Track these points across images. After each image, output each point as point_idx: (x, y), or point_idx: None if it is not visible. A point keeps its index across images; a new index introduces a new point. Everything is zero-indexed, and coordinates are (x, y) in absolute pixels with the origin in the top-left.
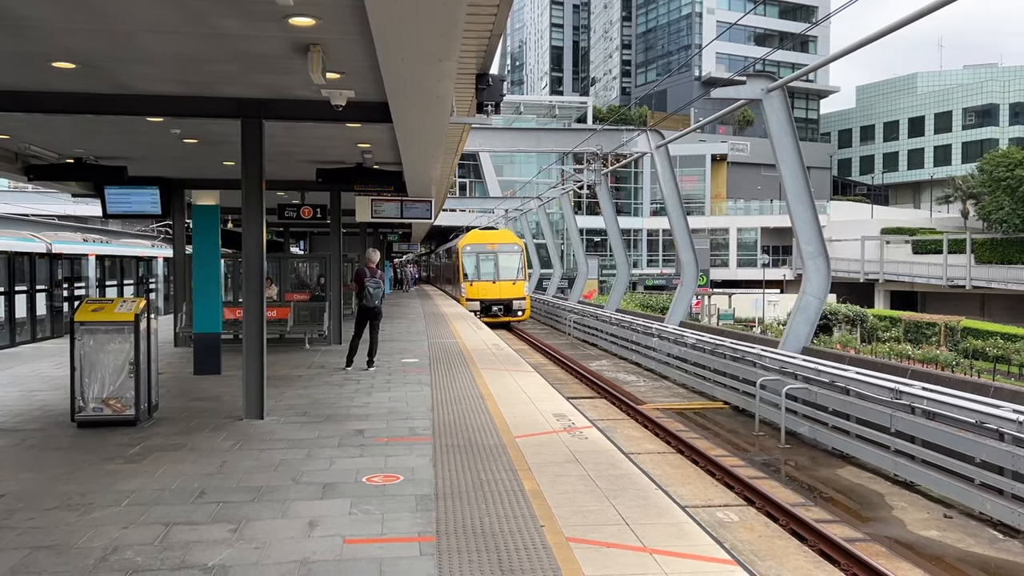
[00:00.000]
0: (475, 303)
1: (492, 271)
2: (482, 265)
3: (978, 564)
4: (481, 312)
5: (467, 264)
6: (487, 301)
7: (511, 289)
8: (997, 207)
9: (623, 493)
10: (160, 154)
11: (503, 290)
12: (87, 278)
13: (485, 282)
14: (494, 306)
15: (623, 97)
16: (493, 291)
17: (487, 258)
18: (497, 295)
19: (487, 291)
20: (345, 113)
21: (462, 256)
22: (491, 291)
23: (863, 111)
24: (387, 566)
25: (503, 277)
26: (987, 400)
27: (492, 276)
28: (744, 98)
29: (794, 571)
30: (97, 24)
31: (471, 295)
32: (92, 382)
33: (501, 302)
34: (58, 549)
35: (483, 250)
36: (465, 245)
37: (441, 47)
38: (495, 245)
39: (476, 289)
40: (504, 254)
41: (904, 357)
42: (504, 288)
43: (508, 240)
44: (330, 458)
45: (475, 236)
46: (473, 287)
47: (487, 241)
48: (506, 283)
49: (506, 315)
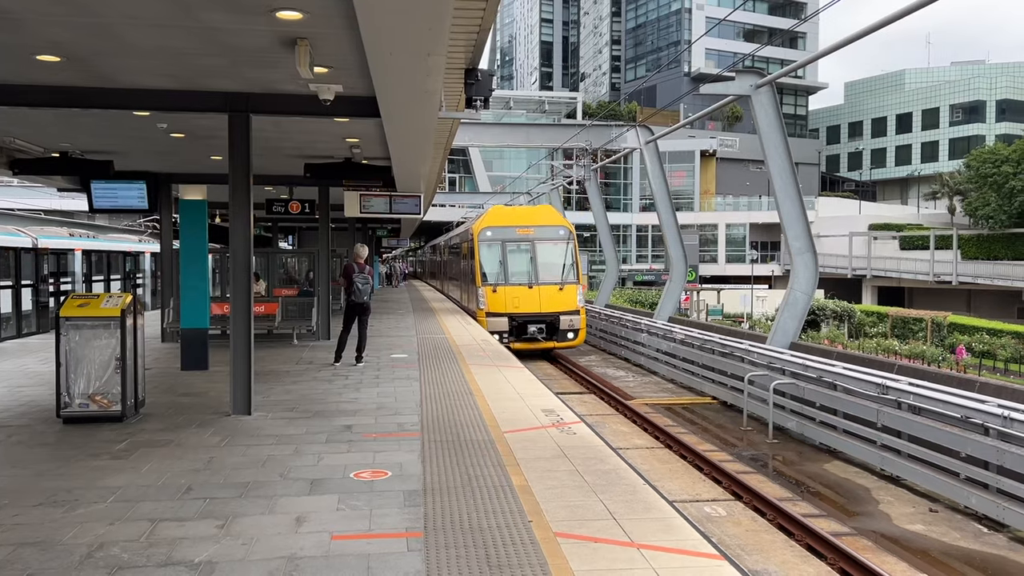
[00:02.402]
0: (500, 320)
1: (527, 269)
2: (511, 260)
3: (963, 558)
4: (510, 335)
5: (486, 259)
6: (520, 317)
7: (558, 298)
8: (983, 203)
9: (611, 488)
10: (147, 148)
11: (546, 299)
12: (73, 273)
13: (516, 286)
14: (531, 324)
15: (612, 93)
16: (529, 301)
17: (519, 249)
18: (535, 307)
19: (520, 301)
20: (333, 108)
21: (478, 246)
22: (526, 301)
23: (851, 107)
24: (375, 562)
25: (545, 279)
26: (973, 395)
27: (527, 278)
28: (733, 94)
29: (781, 565)
30: (80, 16)
31: (494, 307)
32: (78, 378)
33: (542, 319)
34: (43, 546)
35: (512, 236)
36: (484, 229)
37: (429, 41)
38: (530, 228)
39: (501, 298)
40: (545, 242)
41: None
42: (547, 297)
43: (550, 220)
44: (318, 454)
45: (499, 215)
46: (497, 295)
47: (518, 222)
48: (549, 288)
49: (550, 339)
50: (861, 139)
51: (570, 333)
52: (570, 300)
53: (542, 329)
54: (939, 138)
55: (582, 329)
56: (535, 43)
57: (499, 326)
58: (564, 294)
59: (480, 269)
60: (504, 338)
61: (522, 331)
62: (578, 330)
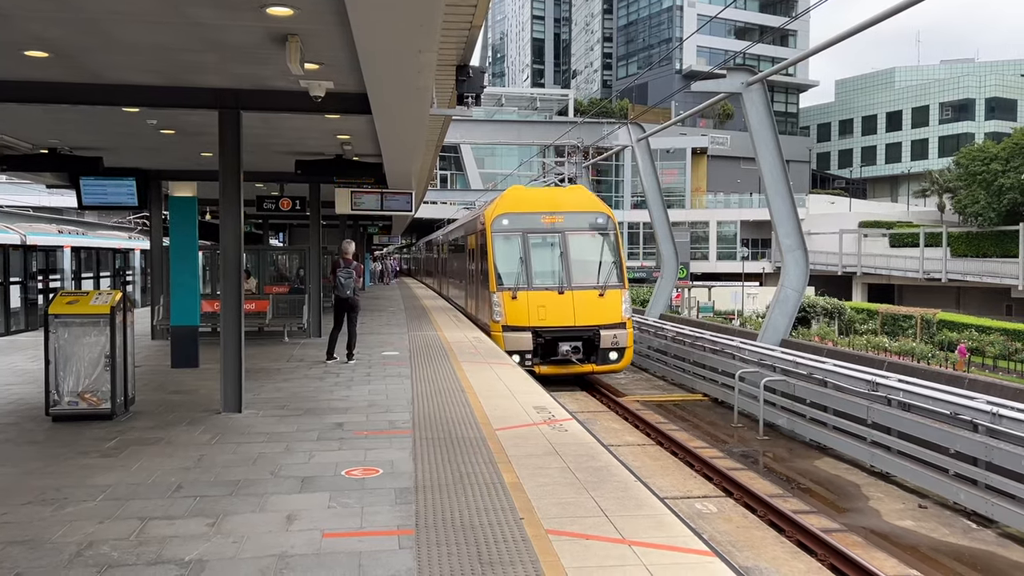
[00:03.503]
0: (521, 336)
1: (556, 269)
2: (535, 257)
3: (952, 554)
4: (534, 355)
5: (503, 255)
6: (548, 332)
7: (597, 307)
8: (972, 201)
9: (603, 485)
10: (136, 145)
11: (582, 309)
12: (62, 270)
13: (542, 291)
14: (563, 342)
15: (604, 90)
16: (559, 311)
17: (545, 242)
18: (568, 319)
19: (547, 311)
20: (324, 104)
21: (492, 239)
22: (555, 311)
23: (842, 105)
24: (366, 560)
25: (580, 281)
26: (962, 392)
27: (557, 280)
28: (724, 92)
29: (771, 562)
30: (68, 12)
31: (513, 319)
32: (67, 375)
33: (577, 334)
34: (32, 544)
35: (535, 225)
36: (499, 216)
37: (420, 38)
38: (559, 215)
39: (523, 308)
40: (579, 233)
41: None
42: (584, 305)
43: (584, 204)
44: (309, 452)
45: (518, 198)
46: (517, 304)
47: (543, 207)
48: (586, 295)
49: (587, 360)
50: (851, 137)
51: (613, 353)
52: (613, 309)
53: (577, 348)
54: (929, 136)
55: (628, 347)
56: (527, 40)
57: (520, 344)
58: (605, 302)
59: (494, 269)
60: (527, 359)
61: (551, 350)
62: (623, 348)
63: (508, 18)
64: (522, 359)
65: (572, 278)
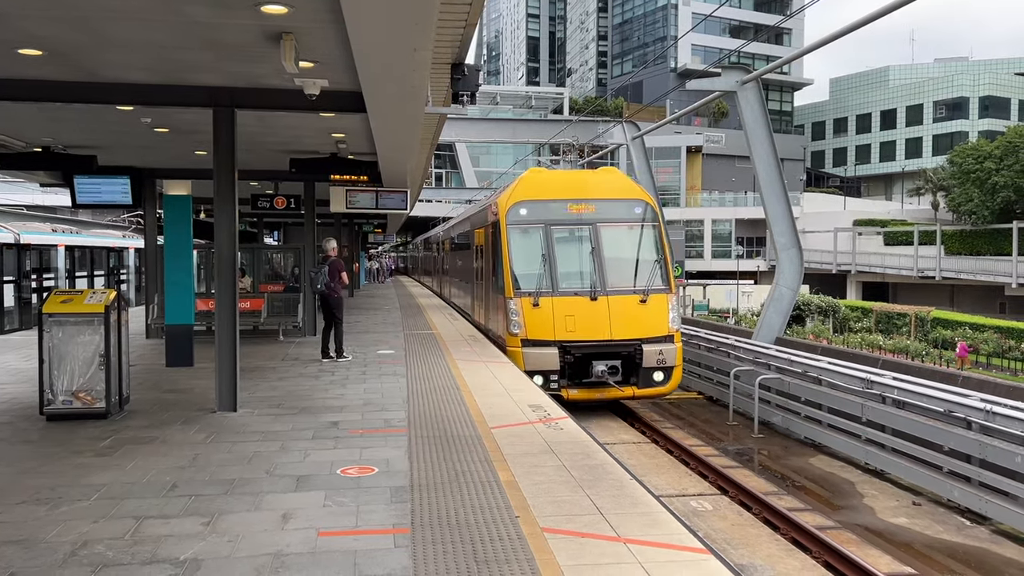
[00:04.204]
0: (545, 353)
1: (587, 269)
2: (561, 255)
3: (946, 550)
4: (562, 376)
5: (520, 252)
6: (578, 348)
7: (638, 316)
8: (966, 199)
9: (598, 483)
10: (130, 143)
11: (620, 319)
12: (56, 269)
13: (571, 297)
14: (597, 360)
15: (599, 88)
16: (592, 321)
17: (573, 236)
18: (602, 331)
19: (577, 321)
20: (319, 103)
21: (507, 232)
22: (587, 321)
23: (836, 103)
24: (361, 558)
25: (616, 284)
26: (955, 389)
27: (588, 283)
28: (719, 90)
29: (766, 559)
30: (62, 10)
31: (536, 331)
32: (61, 375)
33: (614, 350)
34: (26, 544)
35: (561, 216)
36: (516, 205)
37: (415, 36)
38: (589, 203)
39: (546, 317)
40: (615, 225)
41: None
42: (622, 314)
43: (620, 190)
44: (304, 450)
45: (538, 183)
46: (539, 312)
47: (569, 193)
48: (625, 301)
49: (627, 382)
50: (846, 135)
51: (658, 373)
52: (657, 319)
53: (615, 368)
54: (923, 134)
55: (677, 366)
56: (521, 38)
57: (544, 362)
58: (648, 310)
59: (510, 269)
60: (552, 381)
61: (581, 370)
62: (671, 368)
63: (503, 16)
64: (546, 381)
65: (607, 280)
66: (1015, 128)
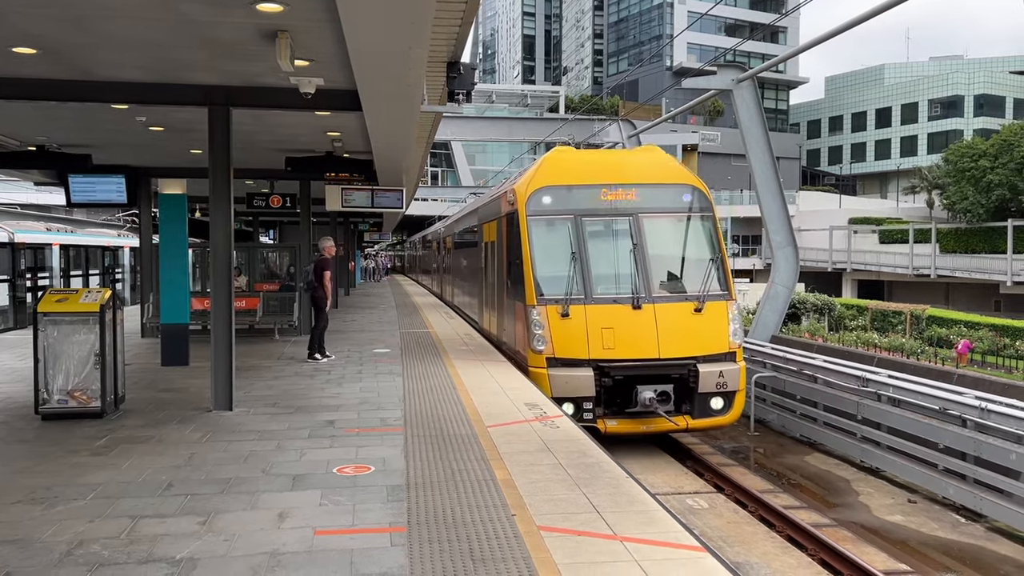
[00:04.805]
0: (577, 375)
1: (626, 270)
2: (594, 252)
3: (941, 548)
4: (598, 402)
5: (544, 250)
6: (618, 368)
7: (692, 328)
8: (961, 197)
9: (594, 481)
10: (125, 142)
11: (670, 332)
12: (51, 268)
13: (608, 305)
14: (643, 384)
15: (595, 87)
16: (635, 335)
17: (608, 230)
18: (648, 348)
19: (617, 335)
20: (314, 101)
21: (527, 225)
22: (629, 335)
23: (832, 102)
24: (358, 557)
25: (664, 288)
26: (951, 387)
27: (629, 287)
28: (715, 88)
29: (762, 556)
30: (57, 8)
31: (565, 348)
32: (56, 374)
33: (662, 371)
34: (22, 544)
35: (594, 205)
36: (537, 192)
37: (411, 35)
38: (627, 191)
39: (578, 330)
40: (660, 216)
41: (871, 345)
42: (672, 326)
43: (666, 174)
44: (300, 449)
45: (564, 165)
46: (569, 324)
47: (603, 177)
48: (675, 310)
49: (679, 411)
50: (841, 133)
51: (717, 399)
52: (715, 332)
53: (665, 395)
54: (918, 133)
55: (740, 391)
56: (517, 37)
57: (576, 387)
58: (704, 321)
59: (532, 270)
60: (586, 410)
61: (623, 396)
62: (732, 393)
63: (499, 14)
64: (578, 410)
65: (653, 284)
66: (1010, 126)
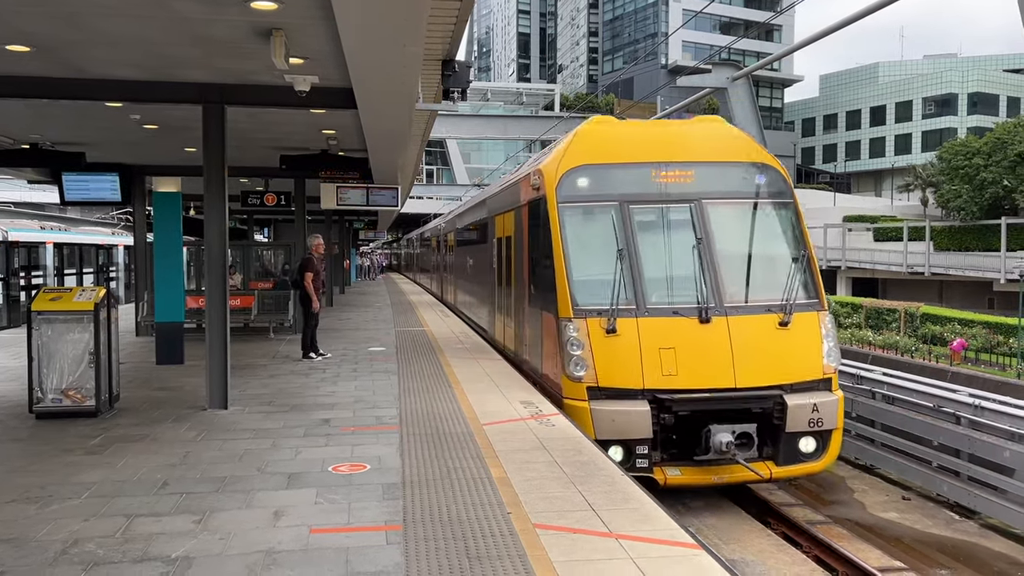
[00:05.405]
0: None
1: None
2: (645, 248)
3: (935, 544)
4: (655, 446)
5: (581, 247)
6: (681, 401)
7: (776, 348)
8: (955, 195)
9: (590, 479)
10: (119, 140)
11: (749, 352)
12: (45, 266)
13: (667, 318)
14: (717, 423)
15: (590, 85)
16: (703, 356)
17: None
18: (721, 374)
19: (680, 357)
20: (309, 99)
21: (558, 215)
22: (696, 356)
23: (826, 100)
24: (353, 555)
25: (738, 295)
26: (945, 385)
27: (693, 293)
28: (709, 86)
29: (758, 554)
30: (51, 6)
31: (610, 373)
32: (50, 373)
33: (740, 403)
34: (16, 543)
35: (644, 189)
36: (571, 172)
37: (406, 32)
38: (685, 171)
39: (630, 350)
40: (728, 203)
41: (865, 343)
42: (751, 344)
43: (733, 150)
44: (296, 448)
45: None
46: (617, 343)
47: (654, 154)
48: (753, 324)
49: (761, 455)
50: (836, 132)
51: (808, 440)
52: (806, 352)
53: (746, 438)
54: (912, 131)
55: (837, 428)
56: (512, 34)
57: (627, 426)
58: (792, 338)
59: (566, 273)
60: (640, 457)
61: (689, 438)
62: (828, 433)
63: (494, 12)
64: (629, 456)
65: (724, 290)
66: (1003, 124)
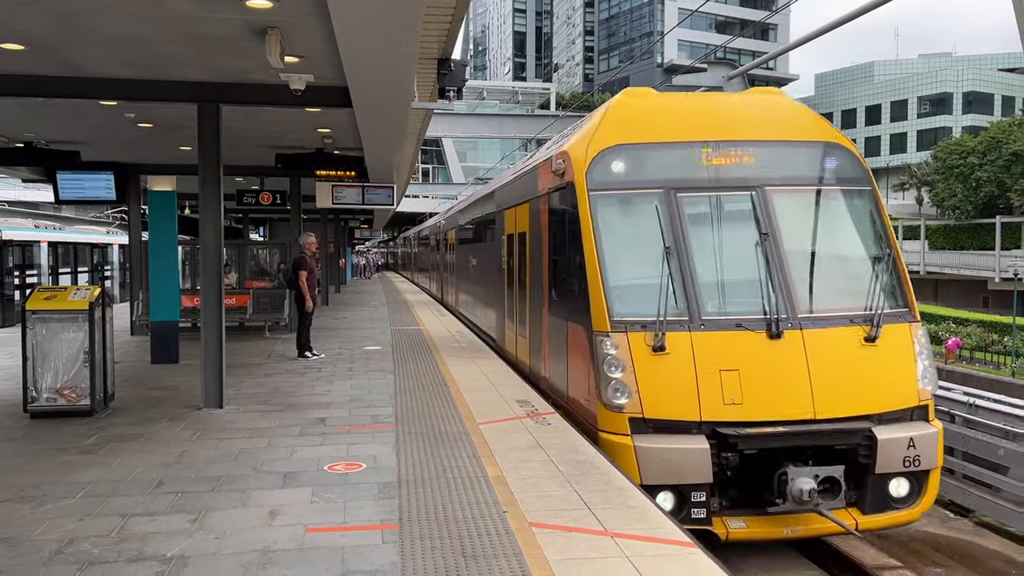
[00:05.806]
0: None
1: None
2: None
3: (930, 542)
4: (714, 491)
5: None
6: (747, 437)
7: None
8: (950, 194)
9: (585, 478)
10: (114, 138)
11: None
12: (39, 265)
13: (728, 332)
14: (792, 463)
15: (586, 83)
16: (773, 381)
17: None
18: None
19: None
20: (304, 98)
21: (590, 209)
22: (763, 380)
23: (822, 99)
24: (349, 554)
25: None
26: (939, 383)
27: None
28: (705, 85)
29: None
30: (47, 5)
31: (657, 403)
32: (45, 372)
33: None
34: (11, 542)
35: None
36: (604, 154)
37: (402, 31)
38: (740, 151)
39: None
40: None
41: None
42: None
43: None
44: (291, 447)
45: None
46: (667, 364)
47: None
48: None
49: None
50: None
51: (901, 482)
52: (897, 374)
53: (832, 483)
54: (907, 130)
55: (936, 468)
56: (508, 33)
57: (680, 467)
58: (881, 356)
59: (601, 276)
60: (696, 504)
61: (756, 482)
62: (925, 474)
63: (489, 11)
64: (683, 503)
65: (797, 298)
66: (998, 123)
